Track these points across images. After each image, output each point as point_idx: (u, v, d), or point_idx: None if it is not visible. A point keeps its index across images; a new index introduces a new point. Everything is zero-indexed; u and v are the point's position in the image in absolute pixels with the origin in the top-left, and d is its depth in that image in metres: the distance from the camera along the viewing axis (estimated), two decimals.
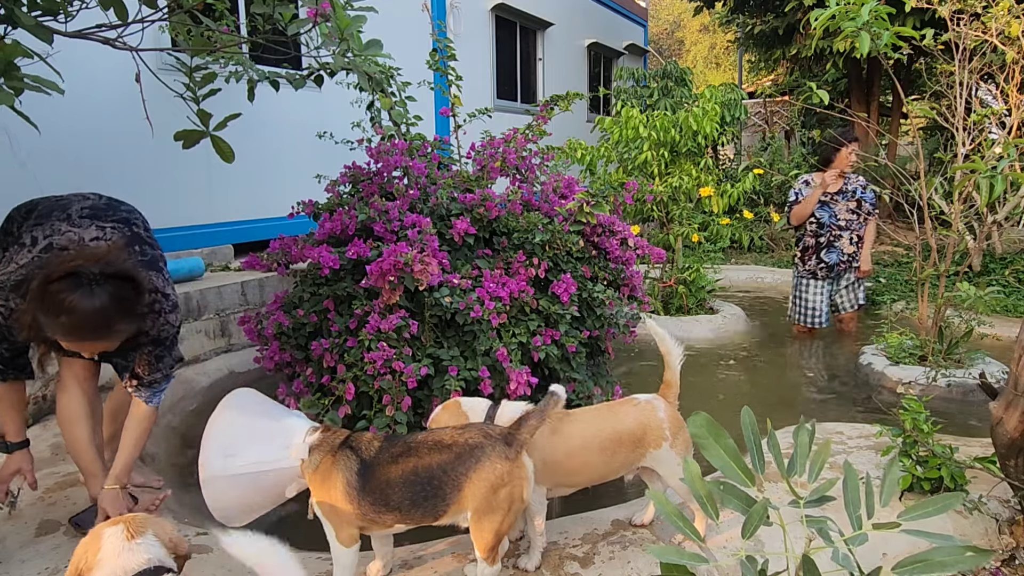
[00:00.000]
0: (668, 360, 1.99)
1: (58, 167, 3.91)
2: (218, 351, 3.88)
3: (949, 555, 1.08)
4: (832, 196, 4.45)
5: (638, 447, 1.86)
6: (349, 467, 1.62)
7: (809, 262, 4.56)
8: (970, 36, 3.83)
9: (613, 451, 1.84)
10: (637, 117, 5.18)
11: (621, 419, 1.88)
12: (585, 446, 1.83)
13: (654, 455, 1.87)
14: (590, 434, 1.85)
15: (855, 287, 4.61)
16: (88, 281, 1.65)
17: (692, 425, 1.26)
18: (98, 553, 1.25)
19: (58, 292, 1.63)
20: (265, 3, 2.48)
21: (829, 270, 4.52)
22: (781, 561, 1.51)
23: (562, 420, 1.87)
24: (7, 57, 1.66)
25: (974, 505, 2.01)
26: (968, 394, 3.26)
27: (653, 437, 1.86)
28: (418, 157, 3.01)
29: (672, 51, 27.37)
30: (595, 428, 1.86)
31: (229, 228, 5.00)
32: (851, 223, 4.44)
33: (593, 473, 1.87)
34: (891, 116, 10.01)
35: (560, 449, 1.81)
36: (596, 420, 1.88)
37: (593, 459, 1.83)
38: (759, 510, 1.14)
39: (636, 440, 1.86)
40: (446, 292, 2.35)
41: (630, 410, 1.91)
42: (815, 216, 4.48)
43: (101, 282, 1.67)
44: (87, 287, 1.64)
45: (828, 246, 4.49)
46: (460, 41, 6.71)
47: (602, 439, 1.84)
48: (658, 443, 1.86)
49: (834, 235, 4.47)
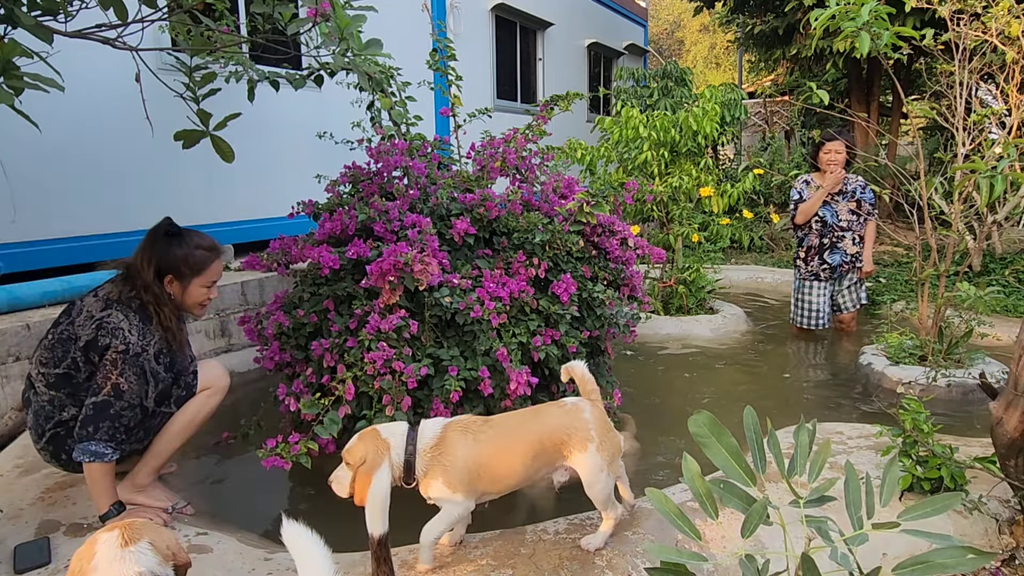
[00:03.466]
0: (575, 376, 1.95)
1: (58, 167, 3.91)
2: (218, 351, 3.88)
3: (950, 556, 1.08)
4: (832, 196, 4.45)
5: (561, 450, 1.84)
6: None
7: (812, 263, 4.55)
8: (970, 36, 3.83)
9: (536, 454, 1.82)
10: (637, 117, 5.18)
11: (545, 421, 1.86)
12: (508, 450, 1.81)
13: (579, 458, 1.84)
14: (513, 438, 1.83)
15: (857, 287, 4.61)
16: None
17: (694, 424, 1.26)
18: (92, 560, 1.24)
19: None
20: (265, 3, 2.48)
21: (832, 271, 4.52)
22: (781, 561, 1.51)
23: (484, 426, 1.84)
24: (7, 56, 1.66)
25: (974, 505, 2.01)
26: (968, 394, 3.26)
27: (578, 439, 1.83)
28: (418, 157, 3.01)
29: (672, 51, 27.37)
30: (518, 432, 1.84)
31: (229, 228, 5.00)
32: (852, 223, 4.44)
33: (517, 478, 1.84)
34: (891, 116, 10.01)
35: (484, 454, 1.79)
36: (519, 424, 1.87)
37: (516, 463, 1.81)
38: (759, 509, 1.14)
39: (560, 443, 1.83)
40: (446, 292, 2.35)
41: (555, 412, 1.89)
42: (819, 215, 4.47)
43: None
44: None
45: (831, 247, 4.49)
46: (460, 41, 6.71)
47: (525, 443, 1.82)
48: (583, 446, 1.83)
49: (837, 236, 4.47)
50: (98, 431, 2.01)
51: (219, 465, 2.88)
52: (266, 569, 1.90)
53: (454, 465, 1.76)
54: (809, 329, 4.64)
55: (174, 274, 2.20)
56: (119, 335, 2.06)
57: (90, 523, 2.09)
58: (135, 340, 2.08)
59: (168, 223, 2.27)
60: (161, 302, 2.17)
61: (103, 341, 2.06)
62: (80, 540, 1.99)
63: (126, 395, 2.05)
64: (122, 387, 2.05)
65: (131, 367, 2.06)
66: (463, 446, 1.78)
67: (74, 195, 4.01)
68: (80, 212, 4.05)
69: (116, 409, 2.04)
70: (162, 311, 2.18)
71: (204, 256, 2.25)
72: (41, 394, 2.14)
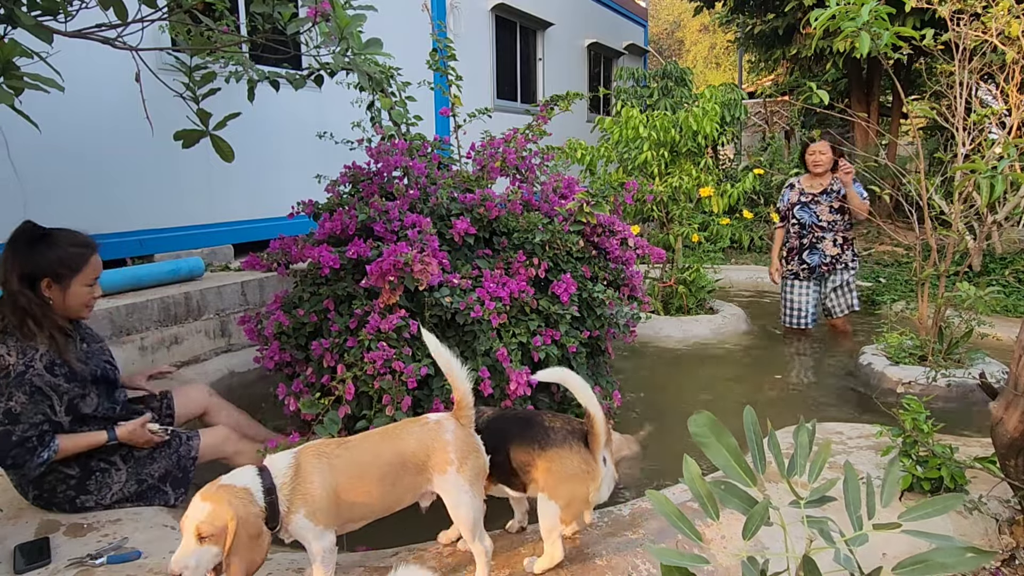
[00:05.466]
0: (452, 377, 1.77)
1: (58, 167, 3.91)
2: (218, 351, 3.88)
3: (950, 556, 1.08)
4: (814, 197, 4.45)
5: (423, 471, 1.70)
6: None
7: (792, 263, 4.60)
8: (970, 36, 3.83)
9: (396, 477, 1.67)
10: (637, 117, 5.18)
11: (405, 441, 1.71)
12: (364, 475, 1.66)
13: (439, 480, 1.71)
14: (368, 461, 1.67)
15: (845, 291, 4.52)
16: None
17: (694, 424, 1.26)
18: None
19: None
20: (265, 3, 2.47)
21: (811, 271, 4.53)
22: (782, 561, 1.51)
23: (340, 448, 1.68)
24: (7, 56, 1.65)
25: (974, 505, 2.01)
26: (968, 394, 3.26)
27: (438, 461, 1.70)
28: (418, 157, 3.01)
29: (672, 51, 27.37)
30: (374, 454, 1.69)
31: (229, 228, 5.00)
32: (834, 224, 4.42)
33: (377, 504, 1.69)
34: (891, 116, 10.01)
35: (340, 481, 1.63)
36: (375, 446, 1.71)
37: (374, 488, 1.66)
38: (760, 511, 1.14)
39: (420, 464, 1.69)
40: (446, 292, 2.35)
41: (414, 431, 1.74)
42: (796, 218, 4.51)
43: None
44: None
45: (810, 247, 4.50)
46: (460, 41, 6.71)
47: (382, 465, 1.67)
48: (443, 468, 1.69)
49: (816, 236, 4.48)
50: (11, 458, 1.98)
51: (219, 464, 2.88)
52: (266, 569, 1.90)
53: (314, 494, 1.59)
54: (797, 329, 4.64)
55: (51, 277, 2.08)
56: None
57: (90, 523, 2.09)
58: (14, 360, 1.98)
59: (31, 226, 2.12)
60: (42, 310, 2.06)
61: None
62: (80, 540, 1.99)
63: (22, 417, 1.97)
64: (14, 410, 1.96)
65: (17, 388, 1.97)
66: (319, 472, 1.62)
67: (74, 195, 4.00)
68: (80, 212, 4.05)
69: (18, 436, 1.97)
70: (46, 319, 2.06)
71: (80, 253, 2.14)
72: None
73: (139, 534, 2.04)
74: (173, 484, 2.30)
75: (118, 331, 3.39)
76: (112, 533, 2.04)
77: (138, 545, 1.96)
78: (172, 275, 3.98)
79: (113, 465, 2.20)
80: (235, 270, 4.54)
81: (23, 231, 2.11)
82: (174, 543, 1.91)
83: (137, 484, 2.23)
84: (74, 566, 1.85)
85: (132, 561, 1.87)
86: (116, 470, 2.20)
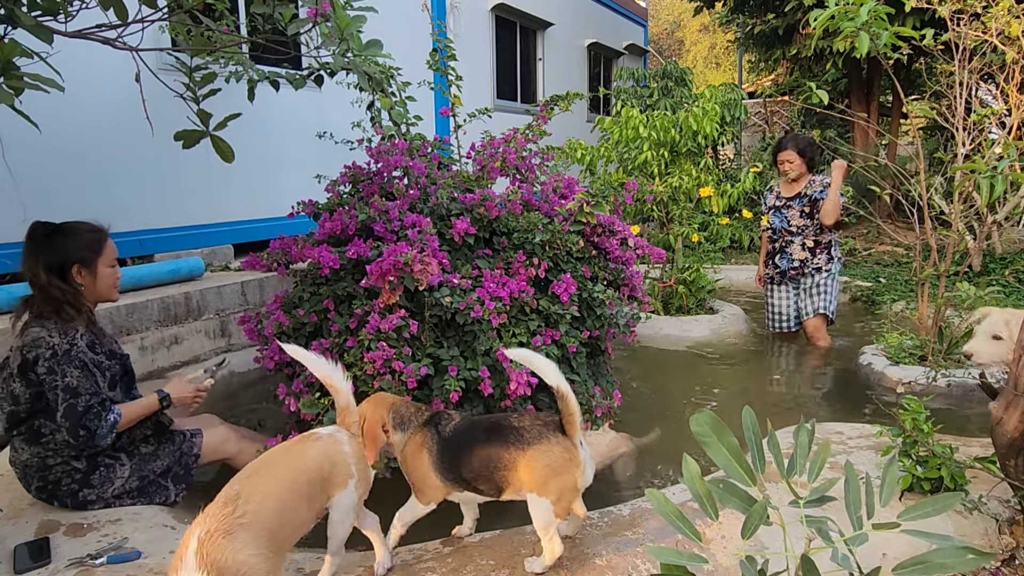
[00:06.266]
0: (331, 385, 1.71)
1: (58, 167, 3.91)
2: (218, 351, 3.88)
3: (949, 556, 1.08)
4: (787, 201, 4.45)
5: (325, 489, 1.61)
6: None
7: (768, 267, 4.64)
8: (970, 36, 3.84)
9: (310, 501, 1.56)
10: (637, 117, 5.18)
11: (304, 460, 1.60)
12: (289, 506, 1.51)
13: (339, 496, 1.64)
14: (268, 486, 1.50)
15: (814, 292, 4.40)
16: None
17: (696, 423, 1.25)
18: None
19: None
20: (265, 3, 2.48)
21: (782, 275, 4.55)
22: (781, 561, 1.51)
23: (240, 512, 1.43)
24: (7, 56, 1.66)
25: (974, 505, 2.01)
26: (968, 394, 3.26)
27: (340, 475, 1.63)
28: (418, 157, 3.01)
29: (672, 51, 27.38)
30: (273, 478, 1.52)
31: (229, 228, 5.00)
32: (804, 229, 4.39)
33: (299, 531, 1.55)
34: (891, 116, 10.01)
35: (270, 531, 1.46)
36: (279, 470, 1.56)
37: (287, 517, 1.50)
38: (759, 510, 1.14)
39: (324, 480, 1.60)
40: (446, 292, 2.35)
41: (311, 447, 1.64)
42: (770, 222, 4.55)
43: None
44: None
45: (781, 251, 4.52)
46: (460, 41, 6.71)
47: (294, 493, 1.53)
48: (344, 482, 1.63)
49: (785, 240, 4.49)
50: (84, 428, 2.03)
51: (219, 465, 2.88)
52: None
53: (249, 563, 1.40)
54: (784, 332, 4.65)
55: (79, 263, 2.18)
56: (41, 343, 2.05)
57: (90, 523, 2.09)
58: (58, 340, 2.06)
59: (41, 224, 2.21)
60: (75, 297, 2.15)
61: (30, 355, 2.05)
62: (80, 540, 1.99)
63: (81, 389, 2.04)
64: (72, 384, 2.04)
65: (68, 365, 2.05)
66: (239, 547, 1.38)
67: (74, 195, 4.00)
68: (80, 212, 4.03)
69: (83, 405, 2.04)
70: (81, 304, 2.16)
71: (97, 236, 2.26)
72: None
73: (139, 534, 2.04)
74: (175, 480, 2.33)
75: (118, 331, 3.39)
76: (112, 533, 2.04)
77: (138, 545, 1.96)
78: (172, 275, 3.98)
79: (118, 460, 2.22)
80: (235, 270, 4.54)
81: (35, 229, 2.19)
82: (174, 543, 1.92)
83: (139, 479, 2.26)
84: (74, 566, 1.85)
85: (132, 561, 1.87)
86: (120, 465, 2.22)
